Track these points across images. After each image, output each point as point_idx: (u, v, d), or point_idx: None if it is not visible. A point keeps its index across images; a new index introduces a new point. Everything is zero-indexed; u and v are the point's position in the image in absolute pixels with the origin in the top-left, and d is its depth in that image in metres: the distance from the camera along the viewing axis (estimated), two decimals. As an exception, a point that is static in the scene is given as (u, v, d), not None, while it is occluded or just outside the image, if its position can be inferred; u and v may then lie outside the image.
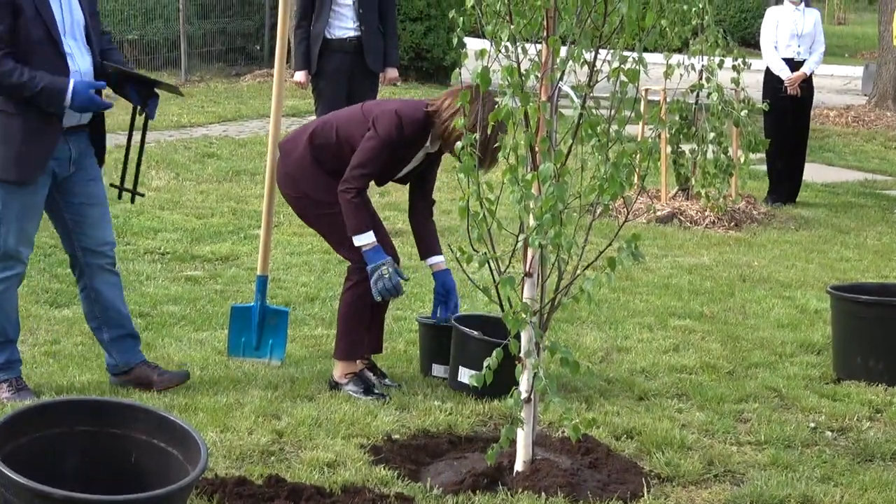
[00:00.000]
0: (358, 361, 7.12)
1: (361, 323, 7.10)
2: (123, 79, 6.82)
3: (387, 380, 7.19)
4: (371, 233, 6.79)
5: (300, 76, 11.06)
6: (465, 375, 6.83)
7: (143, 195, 7.18)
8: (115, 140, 8.35)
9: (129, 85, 6.80)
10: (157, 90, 6.87)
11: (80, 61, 6.58)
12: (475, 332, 6.99)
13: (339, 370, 7.08)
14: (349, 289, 7.07)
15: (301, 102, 17.80)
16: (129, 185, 7.10)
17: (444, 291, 7.17)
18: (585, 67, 5.63)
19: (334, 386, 7.04)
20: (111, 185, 7.02)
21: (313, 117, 11.54)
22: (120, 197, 7.10)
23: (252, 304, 7.61)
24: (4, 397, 6.66)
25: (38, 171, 6.57)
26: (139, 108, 6.77)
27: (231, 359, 7.46)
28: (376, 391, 6.98)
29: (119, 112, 8.61)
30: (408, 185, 7.38)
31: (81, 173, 6.78)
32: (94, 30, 6.72)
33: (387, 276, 6.73)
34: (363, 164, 6.84)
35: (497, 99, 5.84)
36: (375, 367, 7.25)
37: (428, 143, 6.97)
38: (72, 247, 6.87)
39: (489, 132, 6.14)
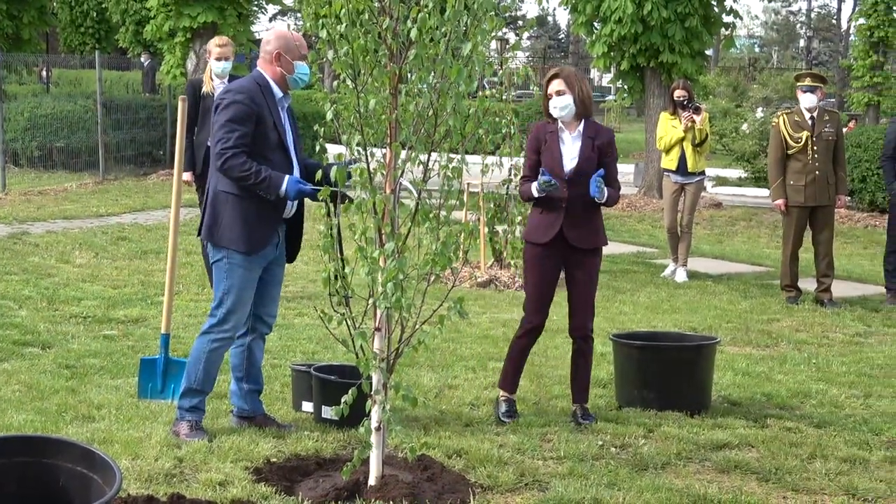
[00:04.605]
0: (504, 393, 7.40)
1: (511, 360, 7.44)
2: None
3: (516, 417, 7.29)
4: None
5: (186, 176, 10.94)
6: (327, 412, 6.78)
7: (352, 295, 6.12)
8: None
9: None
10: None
11: (294, 164, 6.55)
12: (333, 377, 6.96)
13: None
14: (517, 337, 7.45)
15: (195, 196, 17.56)
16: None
17: None
18: (420, 167, 5.67)
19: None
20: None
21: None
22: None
23: (157, 356, 7.51)
24: (183, 434, 6.50)
25: (263, 245, 6.46)
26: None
27: (141, 400, 7.31)
28: (503, 418, 7.19)
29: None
30: None
31: (279, 258, 6.69)
32: (298, 146, 6.66)
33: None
34: None
35: None
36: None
37: None
38: (250, 312, 6.71)
39: None
